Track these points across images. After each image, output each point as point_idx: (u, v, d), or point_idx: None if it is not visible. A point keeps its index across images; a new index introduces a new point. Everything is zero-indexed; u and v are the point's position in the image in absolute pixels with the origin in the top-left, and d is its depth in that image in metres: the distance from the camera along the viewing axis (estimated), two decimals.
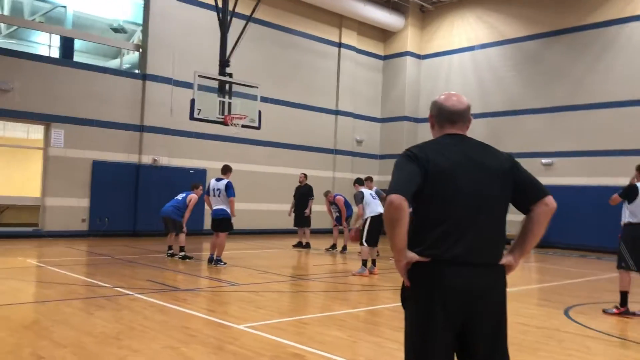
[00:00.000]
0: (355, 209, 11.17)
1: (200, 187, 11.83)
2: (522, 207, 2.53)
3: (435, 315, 2.35)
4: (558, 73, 18.50)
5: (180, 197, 11.55)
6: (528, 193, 2.51)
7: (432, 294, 2.36)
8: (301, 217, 14.60)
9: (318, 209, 16.05)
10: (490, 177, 2.46)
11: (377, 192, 11.64)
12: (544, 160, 18.30)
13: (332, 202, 14.25)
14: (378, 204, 10.26)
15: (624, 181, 16.44)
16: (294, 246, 14.70)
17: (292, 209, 14.81)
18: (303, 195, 14.64)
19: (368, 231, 10.05)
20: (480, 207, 2.41)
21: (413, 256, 2.40)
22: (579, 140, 17.79)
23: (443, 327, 2.35)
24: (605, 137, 17.20)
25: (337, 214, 14.20)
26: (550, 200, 2.48)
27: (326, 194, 14.51)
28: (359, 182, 11.83)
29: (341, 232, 14.33)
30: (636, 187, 7.27)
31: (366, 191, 10.53)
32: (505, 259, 2.50)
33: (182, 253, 11.20)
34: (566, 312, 7.19)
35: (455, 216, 2.39)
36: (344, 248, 14.02)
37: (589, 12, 17.92)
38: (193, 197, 11.43)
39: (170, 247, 11.53)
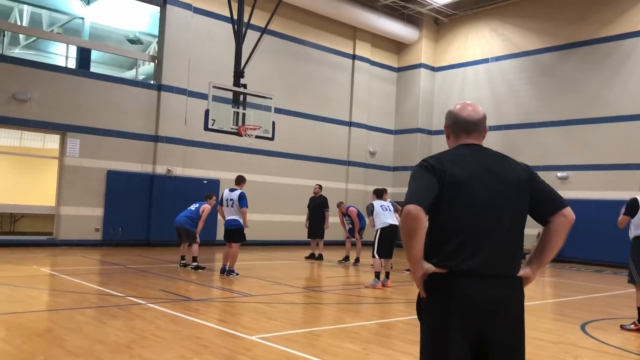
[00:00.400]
0: (367, 220, 11.10)
1: (214, 198, 11.86)
2: (540, 219, 2.50)
3: (452, 327, 2.32)
4: (573, 86, 18.40)
5: (193, 207, 11.58)
6: (546, 204, 2.48)
7: (448, 305, 2.34)
8: (315, 228, 14.55)
9: (332, 220, 16.00)
10: (508, 188, 2.43)
11: (392, 204, 11.57)
12: (559, 174, 18.14)
13: (344, 214, 14.19)
14: (388, 215, 10.21)
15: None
16: (307, 258, 14.66)
17: (307, 220, 14.79)
18: (318, 206, 14.60)
19: (379, 243, 10.01)
20: (497, 218, 2.39)
21: (429, 267, 2.38)
22: (594, 153, 17.65)
23: (459, 339, 2.32)
24: (622, 151, 17.06)
25: (350, 225, 14.14)
26: (568, 212, 2.46)
27: (339, 205, 14.45)
28: (376, 193, 11.23)
29: (354, 244, 14.27)
30: (636, 200, 7.22)
31: (376, 203, 10.48)
32: (523, 271, 2.47)
33: (195, 263, 11.21)
34: (583, 328, 7.08)
35: (472, 227, 2.37)
36: (357, 260, 13.95)
37: (604, 25, 17.84)
38: (206, 207, 11.45)
39: (182, 257, 11.56)
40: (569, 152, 18.23)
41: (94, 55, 17.35)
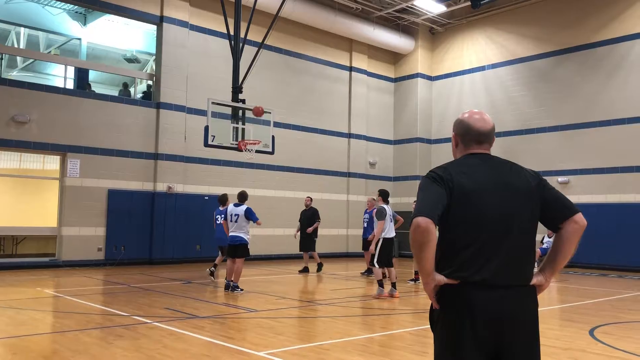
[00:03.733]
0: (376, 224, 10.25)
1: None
2: (552, 226, 2.50)
3: (466, 338, 2.31)
4: (570, 91, 18.47)
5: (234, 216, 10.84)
6: (557, 211, 2.47)
7: (462, 316, 2.33)
8: (306, 240, 14.51)
9: (325, 232, 16.01)
10: (517, 196, 2.43)
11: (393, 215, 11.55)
12: (559, 179, 18.15)
13: (367, 212, 13.37)
14: (391, 227, 10.17)
15: None
16: (300, 272, 14.45)
17: (298, 232, 14.74)
18: (308, 218, 14.58)
19: (380, 252, 9.98)
20: (508, 227, 2.38)
21: (441, 279, 2.37)
22: (594, 157, 17.69)
23: (474, 350, 2.30)
24: (621, 154, 17.10)
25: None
26: (580, 218, 2.45)
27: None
28: (383, 195, 10.62)
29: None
30: None
31: (388, 209, 10.36)
32: (536, 279, 2.47)
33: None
34: (591, 333, 7.04)
35: (483, 238, 2.36)
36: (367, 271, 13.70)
37: (598, 30, 17.95)
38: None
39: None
40: (568, 157, 18.26)
41: (92, 75, 17.44)
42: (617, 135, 17.25)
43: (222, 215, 11.56)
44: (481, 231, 2.36)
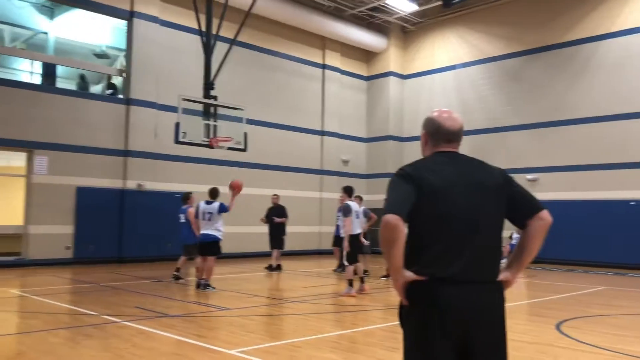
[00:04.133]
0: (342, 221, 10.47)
1: (192, 197, 11.80)
2: (518, 222, 2.54)
3: (434, 334, 2.33)
4: (539, 90, 18.84)
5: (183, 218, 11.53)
6: (523, 208, 2.52)
7: (430, 312, 2.35)
8: (276, 239, 14.41)
9: (297, 230, 15.98)
10: (485, 194, 2.47)
11: (364, 212, 11.60)
12: (528, 176, 18.49)
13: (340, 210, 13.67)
14: (357, 223, 10.23)
15: (607, 195, 16.79)
16: (266, 268, 14.45)
17: (265, 220, 14.60)
18: (277, 216, 14.49)
19: (349, 250, 10.04)
20: (476, 224, 2.42)
21: (410, 275, 2.40)
22: (562, 155, 18.09)
23: (442, 346, 2.33)
24: (588, 152, 17.52)
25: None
26: (545, 215, 2.50)
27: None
28: (347, 191, 10.77)
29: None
30: None
31: (355, 205, 10.42)
32: (503, 275, 2.51)
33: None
34: (558, 327, 7.19)
35: (451, 235, 2.39)
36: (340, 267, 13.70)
37: (566, 31, 18.34)
38: (190, 211, 11.30)
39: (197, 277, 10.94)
40: (537, 155, 18.63)
41: (60, 70, 17.05)
42: (583, 134, 17.68)
43: (185, 215, 11.61)
44: (449, 228, 2.40)
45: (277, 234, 14.44)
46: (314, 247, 20.70)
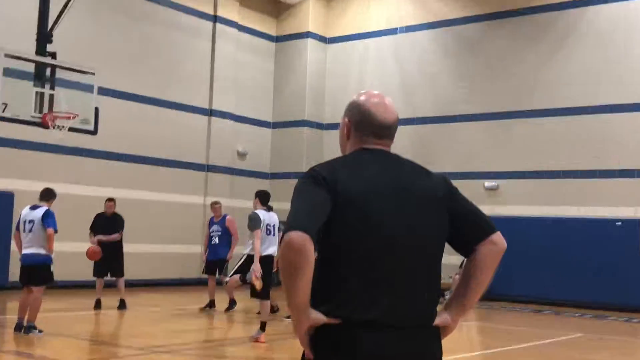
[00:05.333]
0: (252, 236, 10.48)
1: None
2: (462, 248, 2.60)
3: None
4: (504, 68, 19.50)
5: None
6: (470, 229, 2.58)
7: None
8: (109, 260, 13.41)
9: (170, 250, 15.69)
10: (421, 207, 2.51)
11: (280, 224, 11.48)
12: (486, 183, 19.14)
13: (216, 223, 14.04)
14: (269, 241, 10.24)
15: (587, 211, 17.54)
16: (96, 308, 13.52)
17: (94, 238, 13.68)
18: (109, 229, 13.82)
19: (241, 269, 10.12)
20: (407, 248, 2.45)
21: (318, 318, 2.39)
22: (532, 157, 18.68)
23: None
24: (564, 154, 18.16)
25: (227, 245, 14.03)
26: (498, 238, 2.56)
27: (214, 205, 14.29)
28: (261, 196, 11.09)
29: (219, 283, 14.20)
30: None
31: (266, 215, 10.41)
32: (440, 319, 2.55)
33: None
34: None
35: (374, 262, 2.41)
36: (232, 304, 13.62)
37: None
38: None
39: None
40: (499, 155, 19.26)
41: None
42: (558, 129, 18.40)
43: None
44: (370, 254, 2.41)
45: (111, 254, 13.51)
46: (194, 274, 20.39)
